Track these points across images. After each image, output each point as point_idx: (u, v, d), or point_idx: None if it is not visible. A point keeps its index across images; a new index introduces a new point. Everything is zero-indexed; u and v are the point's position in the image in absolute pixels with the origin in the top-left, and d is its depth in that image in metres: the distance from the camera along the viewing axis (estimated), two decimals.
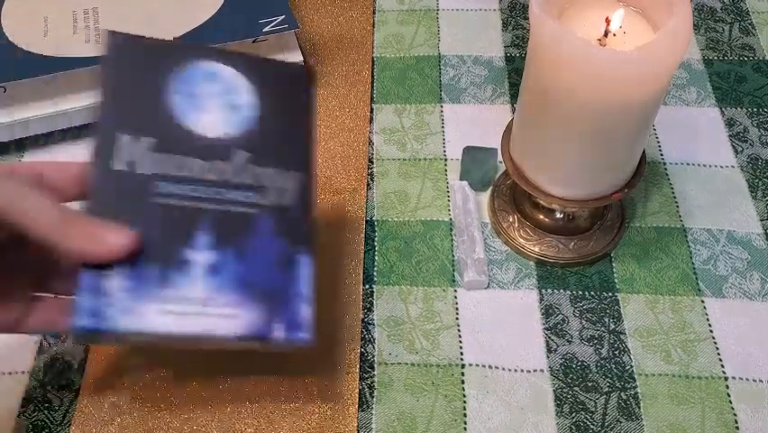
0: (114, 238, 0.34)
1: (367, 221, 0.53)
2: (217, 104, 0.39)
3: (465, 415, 0.44)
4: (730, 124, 0.58)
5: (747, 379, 0.45)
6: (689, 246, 0.51)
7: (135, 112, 0.37)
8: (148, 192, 0.36)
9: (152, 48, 0.39)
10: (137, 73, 0.38)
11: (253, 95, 0.40)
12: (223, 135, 0.39)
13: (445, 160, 0.56)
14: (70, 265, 0.36)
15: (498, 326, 0.48)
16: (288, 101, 0.41)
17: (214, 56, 0.40)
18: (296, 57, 0.59)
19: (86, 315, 0.34)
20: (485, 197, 0.54)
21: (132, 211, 0.36)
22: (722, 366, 0.46)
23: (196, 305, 0.36)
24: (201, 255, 0.36)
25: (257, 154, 0.39)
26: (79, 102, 0.55)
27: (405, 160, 0.56)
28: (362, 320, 0.48)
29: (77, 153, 0.57)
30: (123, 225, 0.35)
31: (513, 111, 0.59)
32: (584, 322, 0.48)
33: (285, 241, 0.39)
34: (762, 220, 0.53)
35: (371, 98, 0.60)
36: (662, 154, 0.57)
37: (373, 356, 0.46)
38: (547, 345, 0.47)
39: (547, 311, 0.48)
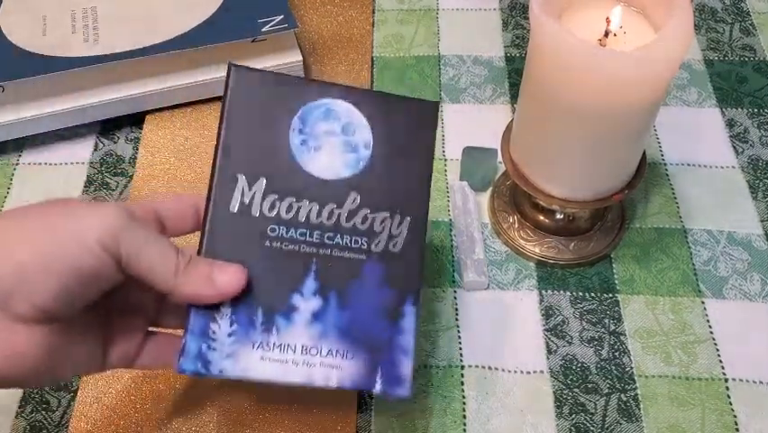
0: (225, 278, 0.34)
1: None
2: (334, 143, 0.38)
3: (464, 416, 0.44)
4: (731, 124, 0.58)
5: (747, 380, 0.45)
6: (689, 247, 0.51)
7: (254, 152, 0.37)
8: (261, 236, 0.36)
9: (273, 83, 0.38)
10: (258, 111, 0.37)
11: (371, 133, 0.38)
12: (338, 177, 0.38)
13: (445, 160, 0.56)
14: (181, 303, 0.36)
15: (498, 327, 0.48)
16: (407, 140, 0.39)
17: (334, 92, 0.38)
18: (295, 57, 0.58)
19: (192, 358, 0.34)
20: (485, 197, 0.54)
21: (244, 255, 0.35)
22: (722, 368, 0.46)
23: (299, 353, 0.35)
24: (307, 301, 0.36)
25: (370, 197, 0.38)
26: (78, 102, 0.55)
27: None
28: None
29: (77, 153, 0.57)
30: (231, 264, 0.35)
31: (513, 111, 0.59)
32: (584, 323, 0.48)
33: (392, 290, 0.37)
34: (762, 221, 0.53)
35: None
36: (662, 155, 0.56)
37: None
38: (547, 346, 0.47)
39: (547, 312, 0.48)
